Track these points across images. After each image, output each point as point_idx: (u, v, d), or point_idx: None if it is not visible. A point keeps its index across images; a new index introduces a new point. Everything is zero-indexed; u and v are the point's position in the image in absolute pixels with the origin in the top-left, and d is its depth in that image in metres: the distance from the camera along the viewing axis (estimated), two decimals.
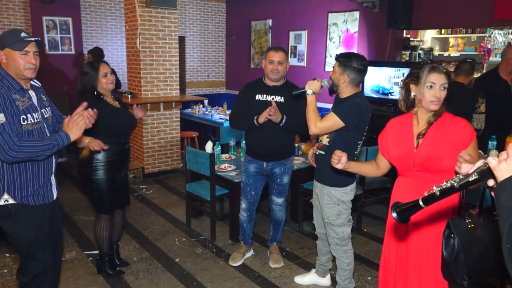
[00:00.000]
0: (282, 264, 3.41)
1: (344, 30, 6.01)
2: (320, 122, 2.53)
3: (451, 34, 6.58)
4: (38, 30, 6.74)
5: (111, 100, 2.99)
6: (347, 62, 2.52)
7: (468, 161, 1.55)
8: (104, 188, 2.94)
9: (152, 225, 4.21)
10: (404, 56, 6.38)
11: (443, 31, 6.66)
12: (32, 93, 2.17)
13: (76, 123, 2.11)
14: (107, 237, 3.12)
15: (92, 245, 3.65)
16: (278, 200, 3.35)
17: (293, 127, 3.08)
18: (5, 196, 2.08)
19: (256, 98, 3.14)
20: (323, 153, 2.65)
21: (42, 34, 6.78)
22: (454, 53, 6.50)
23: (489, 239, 1.49)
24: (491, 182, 1.07)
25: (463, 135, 1.91)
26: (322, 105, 5.85)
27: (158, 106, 5.61)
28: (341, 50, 6.00)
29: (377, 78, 5.32)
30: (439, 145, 1.92)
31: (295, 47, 6.83)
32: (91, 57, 5.96)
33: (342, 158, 2.05)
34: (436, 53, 6.83)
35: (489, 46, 5.72)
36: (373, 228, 4.16)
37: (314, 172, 2.83)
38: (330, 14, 6.18)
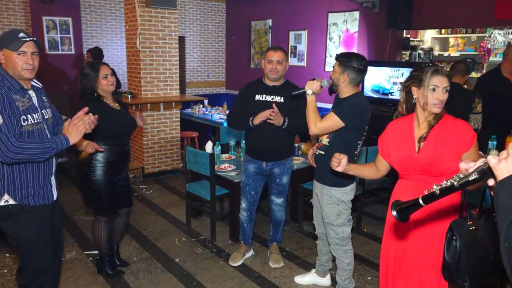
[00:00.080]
0: (282, 264, 3.42)
1: (344, 30, 6.01)
2: (320, 122, 2.53)
3: (451, 34, 6.57)
4: (38, 30, 6.74)
5: (111, 101, 2.98)
6: (347, 62, 2.52)
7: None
8: (102, 189, 2.93)
9: (152, 225, 4.21)
10: (404, 56, 6.38)
11: (443, 31, 6.65)
12: (33, 93, 2.16)
13: (76, 127, 2.11)
14: (106, 238, 3.12)
15: (92, 245, 3.65)
16: (278, 200, 3.35)
17: (295, 128, 3.09)
18: (6, 196, 2.08)
19: (256, 98, 3.14)
20: (323, 153, 2.65)
21: (42, 34, 6.78)
22: (454, 53, 6.50)
23: (489, 240, 1.49)
24: (491, 182, 1.06)
25: (464, 138, 1.90)
26: (322, 105, 5.85)
27: (158, 106, 5.62)
28: (341, 50, 5.99)
29: (377, 78, 5.32)
30: (441, 148, 1.91)
31: (295, 47, 6.82)
32: (90, 57, 5.96)
33: (342, 160, 2.03)
34: (436, 53, 6.82)
35: (489, 46, 5.72)
36: (373, 228, 4.16)
37: (314, 172, 2.83)
38: (330, 14, 6.18)
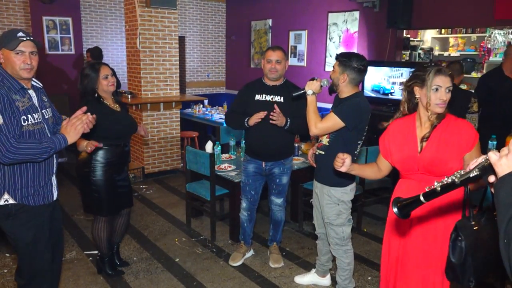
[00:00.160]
0: (282, 264, 3.41)
1: (344, 30, 6.01)
2: (320, 122, 2.53)
3: (451, 34, 6.56)
4: (38, 30, 6.74)
5: (111, 102, 2.97)
6: (347, 61, 2.52)
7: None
8: (102, 189, 2.93)
9: (152, 225, 4.21)
10: (404, 56, 6.38)
11: (443, 31, 6.64)
12: (33, 93, 2.16)
13: (75, 127, 2.10)
14: (105, 238, 3.11)
15: (92, 245, 3.65)
16: (277, 200, 3.35)
17: (297, 128, 3.09)
18: (5, 196, 2.07)
19: (256, 98, 3.14)
20: (323, 153, 2.65)
21: (42, 34, 6.78)
22: (454, 53, 6.49)
23: (491, 238, 1.49)
24: (492, 178, 1.06)
25: (467, 138, 1.90)
26: (322, 105, 5.85)
27: (158, 106, 5.61)
28: (341, 50, 5.99)
29: (377, 78, 5.31)
30: (444, 148, 1.90)
31: (295, 47, 6.82)
32: (90, 56, 5.96)
33: (346, 160, 2.02)
34: (436, 53, 6.81)
35: (489, 46, 5.72)
36: (373, 228, 4.16)
37: (314, 172, 2.83)
38: (330, 14, 6.18)
